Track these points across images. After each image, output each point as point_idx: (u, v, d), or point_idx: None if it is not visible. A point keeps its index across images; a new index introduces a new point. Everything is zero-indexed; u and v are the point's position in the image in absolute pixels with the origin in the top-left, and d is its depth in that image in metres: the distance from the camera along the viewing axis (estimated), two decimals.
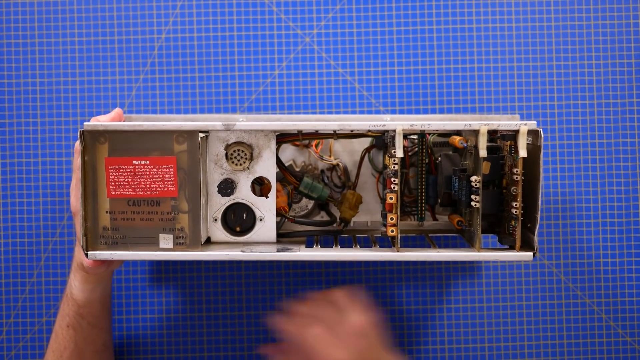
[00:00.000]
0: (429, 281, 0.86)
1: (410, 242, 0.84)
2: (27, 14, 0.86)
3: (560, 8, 0.86)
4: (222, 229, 0.72)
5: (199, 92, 0.86)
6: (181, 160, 0.68)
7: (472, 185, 0.68)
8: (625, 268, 0.86)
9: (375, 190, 0.81)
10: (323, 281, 0.86)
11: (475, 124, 0.67)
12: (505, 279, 0.86)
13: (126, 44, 0.86)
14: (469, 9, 0.86)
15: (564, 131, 0.86)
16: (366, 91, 0.86)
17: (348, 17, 0.86)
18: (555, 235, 0.86)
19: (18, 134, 0.85)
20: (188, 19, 0.86)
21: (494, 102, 0.86)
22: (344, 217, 0.78)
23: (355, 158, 0.80)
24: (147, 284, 0.86)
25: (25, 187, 0.85)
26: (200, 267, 0.86)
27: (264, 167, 0.71)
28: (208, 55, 0.86)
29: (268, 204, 0.72)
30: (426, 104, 0.86)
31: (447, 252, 0.69)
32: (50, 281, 0.86)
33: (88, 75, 0.86)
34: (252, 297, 0.86)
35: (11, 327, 0.86)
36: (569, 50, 0.85)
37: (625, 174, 0.85)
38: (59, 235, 0.86)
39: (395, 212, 0.68)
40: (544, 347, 0.86)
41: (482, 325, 0.86)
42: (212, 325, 0.86)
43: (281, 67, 0.86)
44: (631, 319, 0.86)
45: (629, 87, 0.85)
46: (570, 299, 0.86)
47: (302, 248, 0.71)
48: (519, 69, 0.86)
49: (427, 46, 0.86)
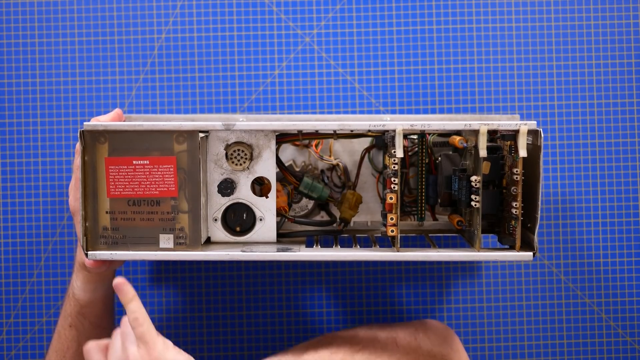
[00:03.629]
0: (429, 281, 0.86)
1: (410, 242, 0.84)
2: (27, 14, 0.86)
3: (560, 8, 0.86)
4: (222, 229, 0.72)
5: (199, 92, 0.86)
6: (181, 160, 0.68)
7: (472, 185, 0.68)
8: (625, 268, 0.86)
9: (375, 190, 0.81)
10: (323, 281, 0.86)
11: (475, 124, 0.67)
12: (505, 279, 0.86)
13: (126, 44, 0.86)
14: (469, 9, 0.86)
15: (564, 131, 0.86)
16: (366, 91, 0.86)
17: (348, 17, 0.86)
18: (555, 235, 0.86)
19: (18, 134, 0.85)
20: (188, 19, 0.86)
21: (494, 102, 0.86)
22: (344, 217, 0.78)
23: (355, 158, 0.80)
24: (147, 284, 0.86)
25: (25, 187, 0.85)
26: (200, 267, 0.86)
27: (264, 167, 0.71)
28: (208, 55, 0.86)
29: (268, 204, 0.72)
30: (426, 104, 0.86)
31: (447, 252, 0.69)
32: (50, 281, 0.86)
33: (88, 75, 0.86)
34: (252, 297, 0.86)
35: (11, 327, 0.86)
36: (569, 50, 0.85)
37: (625, 174, 0.85)
38: (59, 235, 0.86)
39: (395, 212, 0.68)
40: (544, 347, 0.86)
41: (482, 325, 0.86)
42: (212, 325, 0.86)
43: (281, 67, 0.86)
44: (631, 319, 0.86)
45: (629, 87, 0.85)
46: (570, 299, 0.86)
47: (302, 248, 0.71)
48: (519, 69, 0.86)
49: (427, 46, 0.86)
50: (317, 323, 0.86)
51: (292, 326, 0.86)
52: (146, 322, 0.66)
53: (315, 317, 0.86)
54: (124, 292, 0.66)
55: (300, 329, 0.86)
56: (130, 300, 0.66)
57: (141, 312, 0.66)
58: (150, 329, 0.65)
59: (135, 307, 0.66)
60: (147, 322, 0.66)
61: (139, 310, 0.66)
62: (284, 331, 0.86)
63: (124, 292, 0.66)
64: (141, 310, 0.66)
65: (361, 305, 0.86)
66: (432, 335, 0.76)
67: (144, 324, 0.65)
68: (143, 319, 0.65)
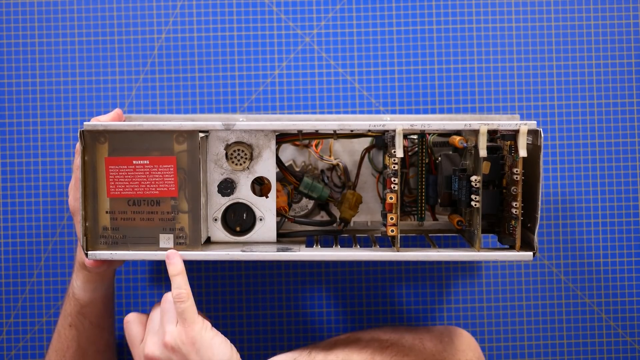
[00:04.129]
0: (429, 281, 0.86)
1: (410, 242, 0.84)
2: (27, 14, 0.86)
3: (560, 8, 0.86)
4: (222, 228, 0.72)
5: (199, 92, 0.86)
6: (181, 160, 0.68)
7: (472, 185, 0.68)
8: (625, 268, 0.86)
9: (375, 190, 0.81)
10: (323, 281, 0.86)
11: (475, 123, 0.67)
12: (505, 279, 0.86)
13: (126, 44, 0.86)
14: (469, 9, 0.86)
15: (564, 131, 0.86)
16: (366, 91, 0.86)
17: (348, 17, 0.86)
18: (555, 235, 0.86)
19: (18, 134, 0.85)
20: (188, 19, 0.86)
21: (494, 102, 0.86)
22: (344, 217, 0.78)
23: (355, 158, 0.80)
24: (147, 284, 0.86)
25: (25, 187, 0.85)
26: (200, 267, 0.86)
27: (264, 167, 0.71)
28: (208, 55, 0.86)
29: (268, 204, 0.72)
30: (426, 104, 0.86)
31: (447, 252, 0.69)
32: (50, 281, 0.86)
33: (88, 75, 0.86)
34: (252, 297, 0.86)
35: (11, 327, 0.86)
36: (569, 50, 0.85)
37: (625, 174, 0.85)
38: (59, 235, 0.86)
39: (395, 212, 0.68)
40: (544, 347, 0.86)
41: (482, 325, 0.86)
42: (212, 325, 0.86)
43: (281, 67, 0.86)
44: (631, 319, 0.86)
45: (629, 87, 0.85)
46: (570, 299, 0.86)
47: (302, 248, 0.71)
48: (519, 69, 0.86)
49: (427, 46, 0.86)
50: (317, 323, 0.86)
51: (292, 326, 0.86)
52: (189, 300, 0.65)
53: (315, 317, 0.86)
54: (173, 265, 0.66)
55: (300, 329, 0.86)
56: (178, 274, 0.66)
57: (186, 288, 0.66)
58: (192, 306, 0.65)
59: (181, 282, 0.66)
60: (190, 300, 0.65)
61: (185, 286, 0.66)
62: (284, 331, 0.86)
63: (173, 264, 0.66)
64: (187, 286, 0.66)
65: (361, 305, 0.86)
66: (456, 340, 0.77)
67: (187, 301, 0.65)
68: (187, 296, 0.65)
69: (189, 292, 0.66)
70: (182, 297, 0.65)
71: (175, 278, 0.66)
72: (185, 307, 0.65)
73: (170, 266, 0.67)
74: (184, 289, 0.66)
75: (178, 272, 0.66)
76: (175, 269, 0.66)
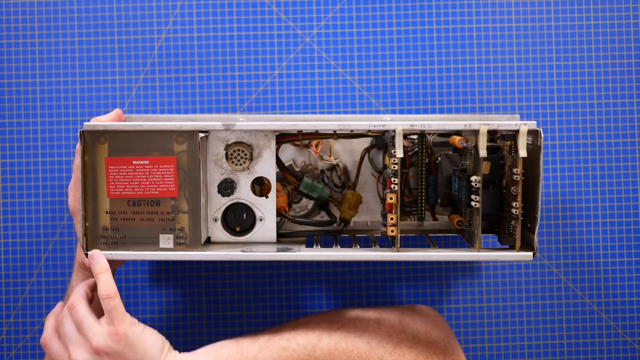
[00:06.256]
0: (429, 281, 0.86)
1: (410, 242, 0.84)
2: (27, 14, 0.86)
3: (560, 8, 0.86)
4: (222, 229, 0.72)
5: (199, 92, 0.86)
6: (181, 160, 0.68)
7: (472, 185, 0.68)
8: (625, 268, 0.86)
9: (375, 190, 0.81)
10: (323, 281, 0.86)
11: (475, 124, 0.67)
12: (505, 279, 0.86)
13: (126, 44, 0.86)
14: (469, 9, 0.86)
15: (564, 131, 0.86)
16: (366, 91, 0.86)
17: (348, 17, 0.86)
18: (555, 235, 0.86)
19: (18, 134, 0.85)
20: (188, 19, 0.86)
21: (494, 102, 0.86)
22: (344, 217, 0.78)
23: (355, 158, 0.80)
24: (147, 284, 0.86)
25: (25, 187, 0.85)
26: (200, 267, 0.86)
27: (264, 167, 0.71)
28: (208, 55, 0.86)
29: (268, 204, 0.72)
30: (426, 104, 0.86)
31: (447, 252, 0.69)
32: (50, 281, 0.86)
33: (88, 75, 0.86)
34: (252, 297, 0.86)
35: (11, 327, 0.86)
36: (569, 50, 0.85)
37: (625, 174, 0.85)
38: (59, 235, 0.86)
39: (395, 212, 0.68)
40: (544, 347, 0.86)
41: (482, 325, 0.86)
42: (212, 325, 0.86)
43: (281, 67, 0.86)
44: (631, 319, 0.86)
45: (629, 87, 0.85)
46: (570, 299, 0.86)
47: (302, 248, 0.71)
48: (519, 69, 0.86)
49: (427, 46, 0.86)
50: None
51: None
52: (117, 297, 0.66)
53: None
54: (99, 263, 0.67)
55: None
56: (104, 272, 0.66)
57: (113, 286, 0.66)
58: (120, 303, 0.66)
59: (108, 279, 0.66)
60: (118, 297, 0.66)
61: (112, 284, 0.66)
62: None
63: (99, 263, 0.67)
64: (114, 284, 0.66)
65: (361, 305, 0.86)
66: (418, 319, 0.75)
67: (116, 298, 0.66)
68: (115, 293, 0.66)
69: (116, 289, 0.66)
70: (111, 294, 0.66)
71: (102, 276, 0.66)
72: (114, 304, 0.65)
73: (95, 265, 0.67)
74: (112, 286, 0.66)
75: (104, 270, 0.67)
76: (101, 267, 0.67)
